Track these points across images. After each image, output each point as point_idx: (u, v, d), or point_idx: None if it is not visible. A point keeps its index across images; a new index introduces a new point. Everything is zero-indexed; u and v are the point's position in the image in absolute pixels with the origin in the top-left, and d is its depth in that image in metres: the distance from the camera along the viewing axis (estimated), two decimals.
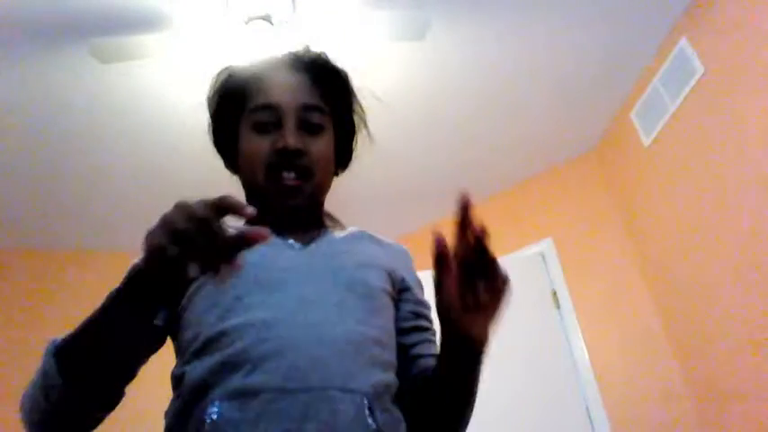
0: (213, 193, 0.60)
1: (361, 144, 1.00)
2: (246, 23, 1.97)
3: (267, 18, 1.96)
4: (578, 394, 2.77)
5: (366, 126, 0.99)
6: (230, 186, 1.02)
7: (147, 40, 1.95)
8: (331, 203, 1.00)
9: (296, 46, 0.98)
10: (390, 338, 0.83)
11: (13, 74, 2.22)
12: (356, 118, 0.98)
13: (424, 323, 0.89)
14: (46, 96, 2.34)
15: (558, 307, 2.97)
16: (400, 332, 0.86)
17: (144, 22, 2.03)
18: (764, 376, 2.09)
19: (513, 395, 2.81)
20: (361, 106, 0.99)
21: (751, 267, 2.12)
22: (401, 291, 0.90)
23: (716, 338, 2.35)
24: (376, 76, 2.46)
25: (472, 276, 0.68)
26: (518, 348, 2.92)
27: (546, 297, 3.01)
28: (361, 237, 0.94)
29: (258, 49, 1.97)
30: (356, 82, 1.00)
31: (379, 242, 0.94)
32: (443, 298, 0.69)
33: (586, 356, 2.81)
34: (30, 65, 2.18)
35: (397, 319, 0.87)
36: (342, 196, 1.05)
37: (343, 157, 0.98)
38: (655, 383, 2.64)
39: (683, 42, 2.36)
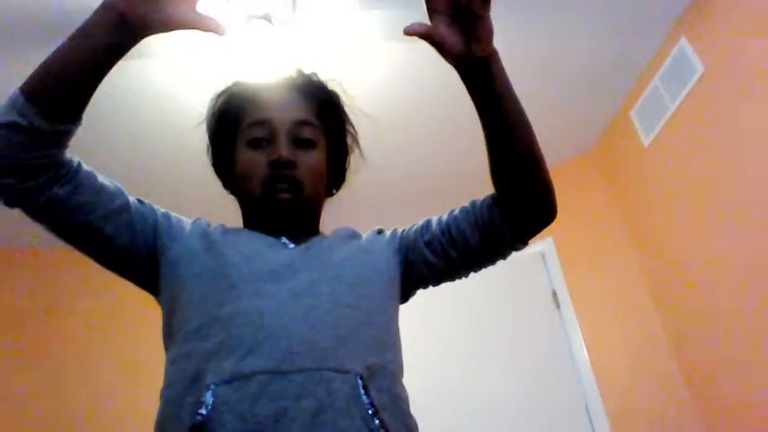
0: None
1: (359, 150, 1.05)
2: (246, 23, 1.97)
3: (267, 18, 1.97)
4: (578, 394, 2.77)
5: (359, 146, 1.04)
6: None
7: (147, 40, 1.95)
8: (333, 202, 1.04)
9: (290, 69, 1.02)
10: (387, 321, 0.86)
11: (13, 73, 2.21)
12: (349, 138, 1.03)
13: (418, 226, 0.96)
14: None
15: (558, 307, 2.97)
16: (426, 247, 0.92)
17: None
18: (765, 376, 2.09)
19: (512, 395, 2.81)
20: (353, 126, 1.04)
21: (751, 267, 2.12)
22: (402, 250, 0.94)
23: (716, 338, 2.36)
24: (376, 76, 2.46)
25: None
26: (518, 348, 2.92)
27: (546, 297, 3.01)
28: (348, 234, 0.98)
29: (258, 49, 1.97)
30: (355, 83, 1.03)
31: (360, 236, 0.99)
32: (443, 45, 0.77)
33: (586, 356, 2.81)
34: (29, 64, 2.18)
35: (420, 250, 0.92)
36: (340, 195, 1.07)
37: (337, 176, 1.03)
38: (655, 383, 2.64)
39: (683, 42, 2.36)
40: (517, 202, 0.88)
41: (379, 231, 1.00)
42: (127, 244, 0.83)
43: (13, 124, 0.71)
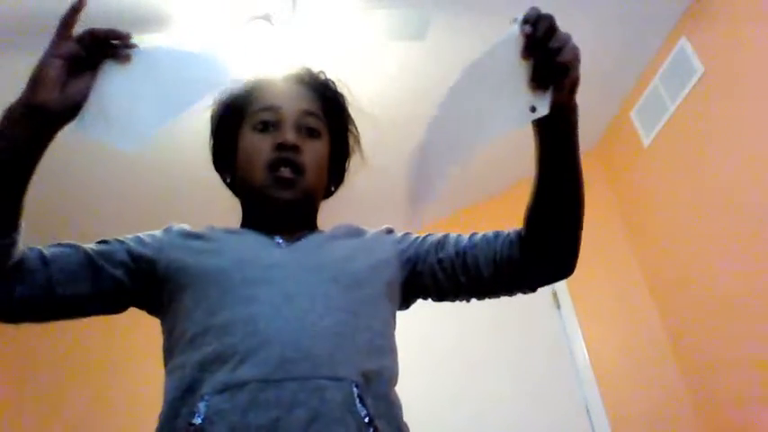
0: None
1: (360, 153, 1.05)
2: (246, 23, 1.97)
3: (267, 18, 1.97)
4: (578, 394, 2.76)
5: (360, 148, 1.04)
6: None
7: (147, 40, 1.95)
8: (333, 203, 1.03)
9: (297, 65, 1.02)
10: (384, 325, 0.85)
11: (12, 73, 2.21)
12: (351, 139, 1.03)
13: (435, 239, 0.93)
14: None
15: (558, 307, 2.97)
16: (438, 264, 0.90)
17: (144, 22, 2.03)
18: (764, 377, 2.09)
19: (512, 395, 2.81)
20: (356, 128, 1.04)
21: (751, 267, 2.12)
22: (411, 257, 0.92)
23: (716, 338, 2.35)
24: (376, 76, 2.46)
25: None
26: (518, 348, 2.92)
27: (546, 297, 3.00)
28: (347, 231, 0.96)
29: (258, 49, 1.97)
30: (356, 83, 1.03)
31: (363, 233, 0.97)
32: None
33: (586, 356, 2.81)
34: (29, 64, 2.18)
35: (431, 265, 0.91)
36: (340, 196, 1.07)
37: (337, 175, 1.03)
38: (655, 383, 2.64)
39: (683, 42, 2.36)
40: (542, 255, 0.86)
41: (389, 231, 0.99)
42: (108, 286, 0.81)
43: None
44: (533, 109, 0.71)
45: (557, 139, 0.78)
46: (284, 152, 0.88)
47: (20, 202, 0.72)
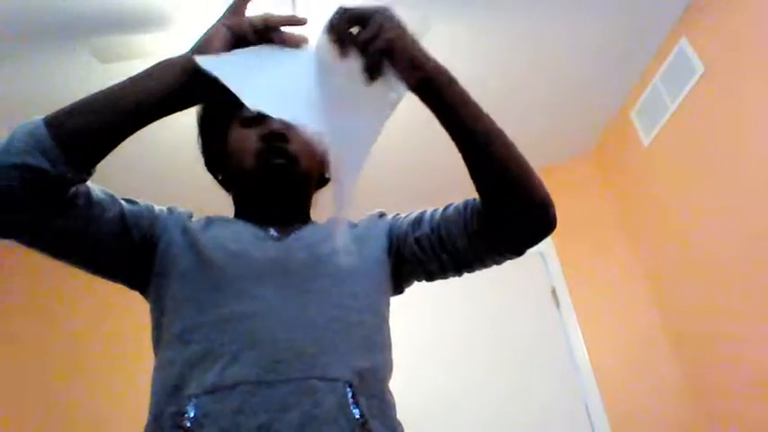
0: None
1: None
2: None
3: None
4: (578, 394, 2.77)
5: None
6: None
7: (147, 40, 1.95)
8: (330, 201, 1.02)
9: None
10: (379, 320, 0.83)
11: (13, 73, 2.22)
12: None
13: (412, 218, 0.92)
14: (45, 96, 2.34)
15: (558, 306, 2.97)
16: (416, 243, 0.88)
17: (144, 22, 2.03)
18: (764, 376, 2.09)
19: (512, 394, 2.81)
20: None
21: (751, 267, 2.12)
22: (393, 240, 0.91)
23: (715, 337, 2.36)
24: None
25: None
26: (518, 347, 2.92)
27: (546, 296, 3.01)
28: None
29: None
30: None
31: (355, 225, 0.95)
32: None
33: (586, 356, 2.81)
34: (29, 64, 2.18)
35: (410, 246, 0.89)
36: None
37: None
38: (654, 383, 2.64)
39: (683, 42, 2.36)
40: (504, 219, 0.81)
41: (381, 215, 0.97)
42: (127, 247, 0.79)
43: (37, 169, 0.64)
44: (394, 95, 0.71)
45: (441, 107, 0.77)
46: (272, 141, 0.87)
47: (116, 146, 0.72)
